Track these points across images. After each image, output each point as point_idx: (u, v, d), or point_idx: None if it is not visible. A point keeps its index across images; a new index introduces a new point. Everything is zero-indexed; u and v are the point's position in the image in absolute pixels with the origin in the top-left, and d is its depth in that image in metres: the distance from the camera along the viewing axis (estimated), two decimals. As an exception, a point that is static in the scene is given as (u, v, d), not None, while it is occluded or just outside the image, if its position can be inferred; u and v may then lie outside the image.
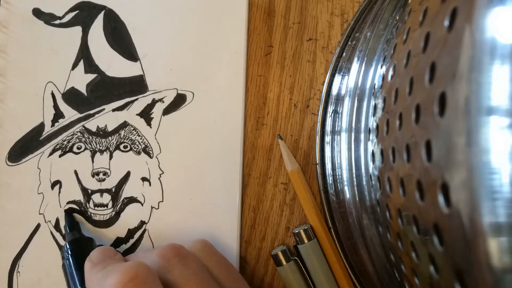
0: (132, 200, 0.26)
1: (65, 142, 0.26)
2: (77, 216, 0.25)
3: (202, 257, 0.21)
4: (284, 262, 0.23)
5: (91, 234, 0.25)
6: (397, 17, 0.18)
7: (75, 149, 0.26)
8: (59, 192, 0.26)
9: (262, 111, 0.26)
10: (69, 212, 0.25)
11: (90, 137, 0.26)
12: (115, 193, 0.26)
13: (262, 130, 0.26)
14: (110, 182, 0.26)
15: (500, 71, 0.08)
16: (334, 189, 0.23)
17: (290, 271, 0.23)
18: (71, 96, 0.26)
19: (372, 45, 0.19)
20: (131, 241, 0.25)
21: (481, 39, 0.09)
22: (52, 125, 0.26)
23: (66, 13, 0.27)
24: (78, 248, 0.23)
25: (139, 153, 0.26)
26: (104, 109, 0.26)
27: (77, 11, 0.27)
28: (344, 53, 0.24)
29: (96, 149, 0.26)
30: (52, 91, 0.26)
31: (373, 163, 0.16)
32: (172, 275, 0.19)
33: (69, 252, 0.23)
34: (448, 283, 0.10)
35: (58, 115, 0.26)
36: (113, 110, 0.26)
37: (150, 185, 0.26)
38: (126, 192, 0.26)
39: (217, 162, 0.25)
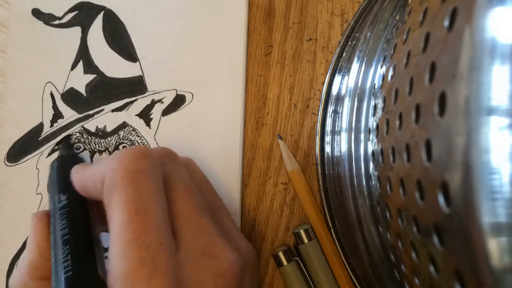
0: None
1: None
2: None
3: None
4: (285, 263, 0.23)
5: None
6: (397, 17, 0.18)
7: (74, 150, 0.26)
8: (59, 192, 0.26)
9: (262, 111, 0.26)
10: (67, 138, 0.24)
11: (89, 138, 0.26)
12: (114, 194, 0.25)
13: (262, 130, 0.26)
14: (110, 183, 0.26)
15: (500, 71, 0.08)
16: (334, 189, 0.23)
17: (291, 271, 0.23)
18: (70, 97, 0.26)
19: (372, 45, 0.19)
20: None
21: (481, 39, 0.09)
22: (51, 126, 0.26)
23: (66, 13, 0.27)
24: (67, 162, 0.21)
25: (138, 153, 0.26)
26: (103, 109, 0.26)
27: (77, 12, 0.27)
28: (344, 53, 0.24)
29: (95, 149, 0.26)
30: (51, 91, 0.26)
31: (373, 163, 0.16)
32: (164, 170, 0.18)
33: (58, 164, 0.21)
34: (448, 283, 0.10)
35: (57, 115, 0.26)
36: (112, 110, 0.26)
37: (149, 185, 0.25)
38: (126, 193, 0.25)
39: (217, 162, 0.25)
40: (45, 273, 0.18)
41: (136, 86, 0.26)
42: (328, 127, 0.24)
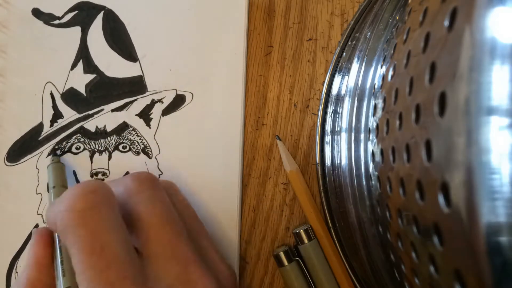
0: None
1: (63, 142, 0.26)
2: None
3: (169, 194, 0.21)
4: (286, 263, 0.23)
5: None
6: (397, 17, 0.18)
7: (74, 150, 0.26)
8: (58, 192, 0.26)
9: (262, 111, 0.26)
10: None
11: (89, 138, 0.26)
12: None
13: (262, 130, 0.26)
14: (110, 183, 0.26)
15: (500, 71, 0.08)
16: (334, 189, 0.23)
17: (292, 271, 0.23)
18: (70, 96, 0.26)
19: (372, 45, 0.19)
20: (131, 242, 0.25)
21: (481, 39, 0.09)
22: (51, 125, 0.26)
23: (66, 13, 0.27)
24: None
25: (138, 153, 0.26)
26: (103, 109, 0.26)
27: (77, 11, 0.27)
28: (344, 53, 0.24)
29: (95, 149, 0.26)
30: (51, 91, 0.26)
31: (373, 163, 0.16)
32: (141, 197, 0.19)
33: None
34: (448, 283, 0.10)
35: (57, 115, 0.26)
36: (112, 110, 0.26)
37: (149, 185, 0.25)
38: (126, 193, 0.25)
39: (216, 162, 0.25)
40: None
41: (136, 86, 0.26)
42: (328, 127, 0.24)
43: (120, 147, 0.26)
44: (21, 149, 0.26)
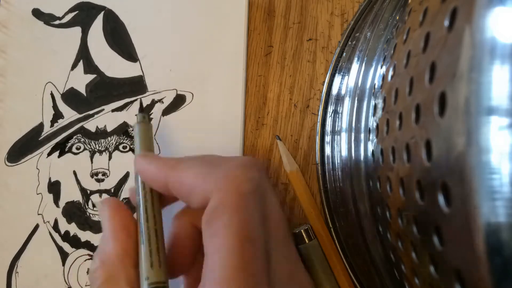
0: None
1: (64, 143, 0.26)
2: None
3: None
4: (284, 263, 0.23)
5: (89, 237, 0.25)
6: (397, 17, 0.18)
7: (74, 150, 0.26)
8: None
9: (262, 111, 0.26)
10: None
11: (89, 138, 0.26)
12: (114, 194, 0.26)
13: (262, 130, 0.26)
14: (109, 183, 0.26)
15: (500, 71, 0.08)
16: (334, 189, 0.23)
17: (290, 271, 0.23)
18: (71, 97, 0.26)
19: (372, 45, 0.19)
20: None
21: (481, 39, 0.09)
22: (52, 126, 0.26)
23: (66, 13, 0.27)
24: None
25: (138, 153, 0.26)
26: (103, 109, 0.26)
27: (77, 12, 0.27)
28: (344, 53, 0.24)
29: (95, 149, 0.26)
30: (51, 91, 0.26)
31: (373, 163, 0.16)
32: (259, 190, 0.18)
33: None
34: (448, 283, 0.10)
35: (58, 115, 0.26)
36: (113, 110, 0.26)
37: (149, 185, 0.25)
38: (125, 193, 0.25)
39: (216, 162, 0.25)
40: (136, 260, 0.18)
41: (136, 86, 0.26)
42: (328, 127, 0.24)
43: (120, 147, 0.26)
44: (22, 149, 0.26)
